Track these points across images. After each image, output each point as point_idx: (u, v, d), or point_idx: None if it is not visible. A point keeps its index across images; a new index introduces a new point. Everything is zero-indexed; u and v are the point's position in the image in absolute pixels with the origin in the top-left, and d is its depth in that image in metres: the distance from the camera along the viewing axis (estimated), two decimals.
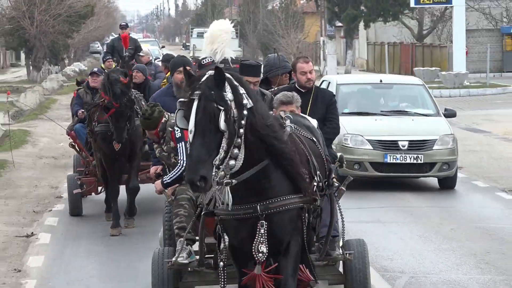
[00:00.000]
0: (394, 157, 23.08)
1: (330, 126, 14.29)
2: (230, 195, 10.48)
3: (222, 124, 10.12)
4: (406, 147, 23.10)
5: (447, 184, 24.08)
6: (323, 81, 26.37)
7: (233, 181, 10.34)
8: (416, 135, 23.53)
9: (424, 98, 25.30)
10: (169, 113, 13.56)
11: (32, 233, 20.92)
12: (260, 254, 10.55)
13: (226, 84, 10.32)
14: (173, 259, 12.48)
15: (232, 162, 10.24)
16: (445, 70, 63.08)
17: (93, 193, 21.58)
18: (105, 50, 32.75)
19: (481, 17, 75.89)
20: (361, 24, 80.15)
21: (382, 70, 72.97)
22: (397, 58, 77.35)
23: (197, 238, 12.63)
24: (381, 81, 25.86)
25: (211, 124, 10.12)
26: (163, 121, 13.45)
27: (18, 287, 17.11)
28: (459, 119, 42.34)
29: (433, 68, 64.48)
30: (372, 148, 23.36)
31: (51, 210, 23.49)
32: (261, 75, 14.98)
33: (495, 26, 76.78)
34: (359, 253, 12.93)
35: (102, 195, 21.37)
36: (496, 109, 47.47)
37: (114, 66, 26.82)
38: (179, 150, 13.10)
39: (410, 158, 23.04)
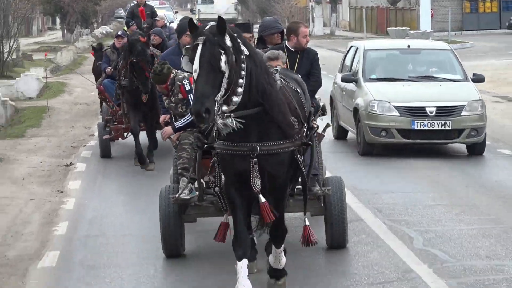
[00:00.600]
0: (422, 123, 19.95)
1: (313, 79, 13.71)
2: (234, 123, 10.17)
3: (223, 65, 9.95)
4: (434, 113, 19.97)
5: (476, 150, 20.73)
6: (351, 46, 23.11)
7: (231, 114, 10.11)
8: (444, 101, 20.33)
9: (452, 63, 21.96)
10: (176, 70, 13.25)
11: (71, 163, 21.43)
12: (257, 185, 10.36)
13: (226, 33, 10.19)
14: (177, 195, 12.38)
15: (235, 98, 10.06)
16: (413, 29, 61.64)
17: (120, 138, 21.29)
18: (126, 16, 31.36)
19: None
20: None
21: (361, 30, 71.92)
22: (374, 19, 76.20)
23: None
24: (408, 46, 22.48)
25: (214, 64, 9.94)
26: (171, 76, 13.10)
27: (61, 204, 17.44)
28: None
29: (404, 28, 63.04)
30: (399, 114, 20.15)
31: (85, 145, 23.88)
32: (256, 35, 14.95)
33: None
34: (337, 188, 12.62)
35: (128, 140, 21.03)
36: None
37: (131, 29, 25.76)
38: (190, 99, 12.63)
39: (438, 125, 19.99)
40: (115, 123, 21.01)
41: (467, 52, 52.51)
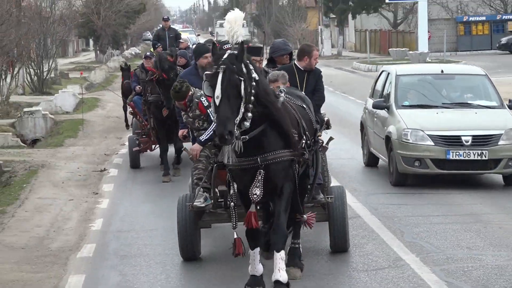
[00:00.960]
0: (457, 153, 17.51)
1: (317, 95, 13.47)
2: (232, 152, 10.24)
3: (243, 92, 9.96)
4: (469, 143, 17.49)
5: None
6: (382, 71, 20.62)
7: (246, 137, 10.13)
8: (480, 129, 17.77)
9: (487, 89, 19.46)
10: (194, 88, 13.06)
11: (104, 168, 21.66)
12: (255, 196, 10.28)
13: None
14: (192, 203, 12.21)
15: (246, 123, 10.02)
16: (413, 50, 61.64)
17: (148, 150, 21.07)
18: (153, 39, 31.17)
19: (441, 9, 74.31)
20: (350, 16, 78.72)
21: (365, 51, 70.15)
22: (377, 41, 76.37)
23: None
24: (442, 71, 19.92)
25: (234, 91, 9.90)
26: (190, 94, 12.84)
27: (96, 204, 17.77)
28: None
29: (404, 49, 63.42)
30: (433, 144, 17.67)
31: (117, 153, 24.07)
32: (267, 56, 14.77)
33: (452, 16, 74.75)
34: (339, 197, 12.43)
35: (155, 152, 20.87)
36: None
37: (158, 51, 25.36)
38: (210, 114, 12.21)
39: (474, 155, 17.51)
40: (144, 136, 20.87)
41: None
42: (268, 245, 10.99)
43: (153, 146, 20.88)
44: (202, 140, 12.29)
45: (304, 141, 10.92)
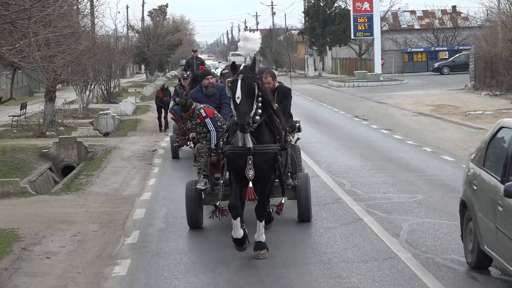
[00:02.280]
0: None
1: (280, 106, 11.12)
2: (247, 138, 9.71)
3: (256, 93, 9.62)
4: None
5: None
6: (501, 127, 8.59)
7: (255, 125, 9.67)
8: None
9: None
10: (196, 103, 12.14)
11: (155, 149, 22.49)
12: (250, 175, 9.70)
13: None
14: (195, 186, 11.63)
15: (257, 117, 9.66)
16: (371, 72, 61.00)
17: (184, 146, 20.08)
18: (184, 65, 29.39)
19: (392, 43, 73.67)
20: (327, 48, 77.89)
21: (338, 72, 70.80)
22: (347, 66, 75.08)
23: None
24: None
25: (251, 93, 9.54)
26: (192, 107, 11.90)
27: (150, 170, 18.69)
28: (375, 96, 42.69)
29: (365, 71, 62.81)
30: None
31: (163, 140, 24.55)
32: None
33: (399, 48, 73.77)
34: (304, 181, 11.76)
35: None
36: (394, 92, 45.90)
37: (188, 73, 23.77)
38: (207, 123, 11.83)
39: None
40: (181, 135, 20.24)
41: (404, 86, 52.95)
42: (247, 237, 10.13)
43: (188, 142, 19.01)
44: (213, 147, 11.47)
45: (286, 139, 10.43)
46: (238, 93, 9.46)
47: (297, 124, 12.72)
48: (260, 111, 9.68)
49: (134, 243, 11.23)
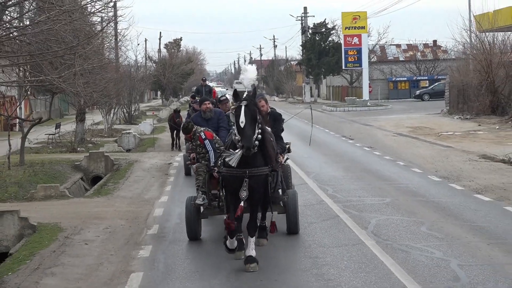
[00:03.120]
0: None
1: (273, 130, 11.07)
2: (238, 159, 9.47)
3: (258, 119, 9.45)
4: None
5: None
6: None
7: (255, 149, 9.42)
8: None
9: None
10: (197, 126, 11.89)
11: (171, 163, 23.34)
12: (243, 196, 9.50)
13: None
14: (195, 201, 11.45)
15: (257, 142, 9.42)
16: (360, 98, 61.77)
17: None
18: (194, 92, 28.15)
19: (379, 73, 74.44)
20: (322, 77, 78.35)
21: (331, 98, 71.85)
22: (340, 93, 75.32)
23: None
24: None
25: (254, 117, 9.34)
26: (194, 130, 11.68)
27: (167, 179, 19.35)
28: (362, 119, 43.39)
29: (354, 97, 63.23)
30: None
31: (177, 155, 25.27)
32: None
33: (385, 77, 74.60)
34: (292, 197, 11.51)
35: None
36: (379, 116, 46.23)
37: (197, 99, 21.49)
38: (205, 144, 11.60)
39: None
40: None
41: (388, 111, 53.32)
42: (243, 247, 10.04)
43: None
44: (212, 166, 11.25)
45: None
46: (242, 118, 9.25)
47: (287, 146, 12.43)
48: (260, 136, 9.46)
49: (155, 234, 12.40)
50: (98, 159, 23.65)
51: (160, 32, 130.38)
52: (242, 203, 9.52)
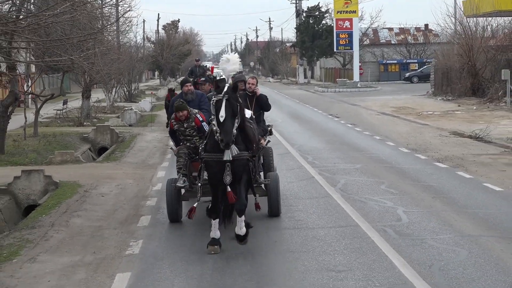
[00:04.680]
0: None
1: (264, 108, 12.36)
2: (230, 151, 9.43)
3: (237, 113, 9.41)
4: None
5: None
6: None
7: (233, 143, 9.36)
8: None
9: None
10: (190, 108, 11.50)
11: (167, 144, 24.05)
12: (227, 180, 9.45)
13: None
14: (176, 184, 11.24)
15: (234, 131, 9.39)
16: (350, 80, 62.87)
17: None
18: (188, 73, 26.90)
19: (371, 56, 75.74)
20: (315, 59, 79.39)
21: (323, 80, 72.76)
22: (332, 74, 75.96)
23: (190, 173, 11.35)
24: None
25: (233, 112, 9.31)
26: (189, 110, 11.32)
27: (167, 149, 20.29)
28: (351, 100, 44.59)
29: (345, 79, 64.19)
30: None
31: None
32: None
33: (376, 60, 75.70)
34: (274, 180, 11.46)
35: None
36: (367, 97, 47.14)
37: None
38: (203, 126, 11.18)
39: None
40: None
41: (377, 92, 53.54)
42: (227, 216, 10.12)
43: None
44: (202, 152, 10.15)
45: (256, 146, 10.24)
46: (222, 112, 9.21)
47: (269, 128, 12.51)
48: (237, 124, 9.45)
49: (159, 190, 14.58)
50: (104, 132, 25.72)
51: (158, 14, 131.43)
52: (229, 188, 9.47)
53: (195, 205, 9.99)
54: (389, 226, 11.06)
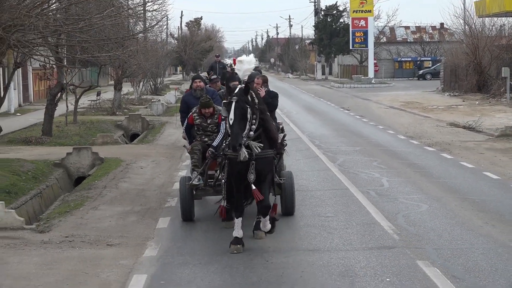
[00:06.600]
0: None
1: (270, 107, 10.84)
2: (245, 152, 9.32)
3: (248, 116, 9.29)
4: None
5: None
6: None
7: (247, 138, 9.34)
8: None
9: None
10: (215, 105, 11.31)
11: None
12: (251, 179, 9.43)
13: (249, 94, 9.38)
14: (190, 182, 11.01)
15: (251, 133, 9.37)
16: (365, 76, 63.95)
17: None
18: (208, 68, 27.92)
19: (386, 53, 77.01)
20: (333, 56, 78.92)
21: (342, 77, 74.87)
22: (349, 71, 77.24)
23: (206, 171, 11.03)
24: None
25: (243, 115, 9.23)
26: (214, 107, 11.26)
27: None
28: (364, 95, 46.01)
29: (361, 75, 65.10)
30: None
31: None
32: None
33: (392, 57, 76.83)
34: (289, 179, 11.32)
35: None
36: (380, 92, 48.56)
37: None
38: (221, 125, 10.74)
39: None
40: None
41: (390, 88, 54.96)
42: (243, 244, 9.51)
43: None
44: (215, 146, 10.74)
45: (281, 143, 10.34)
46: (232, 115, 9.20)
47: (281, 126, 12.19)
48: (254, 127, 9.38)
49: (188, 164, 16.00)
50: (136, 120, 28.43)
51: (182, 11, 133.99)
52: (253, 186, 9.44)
53: (223, 204, 10.05)
54: (373, 189, 13.88)
